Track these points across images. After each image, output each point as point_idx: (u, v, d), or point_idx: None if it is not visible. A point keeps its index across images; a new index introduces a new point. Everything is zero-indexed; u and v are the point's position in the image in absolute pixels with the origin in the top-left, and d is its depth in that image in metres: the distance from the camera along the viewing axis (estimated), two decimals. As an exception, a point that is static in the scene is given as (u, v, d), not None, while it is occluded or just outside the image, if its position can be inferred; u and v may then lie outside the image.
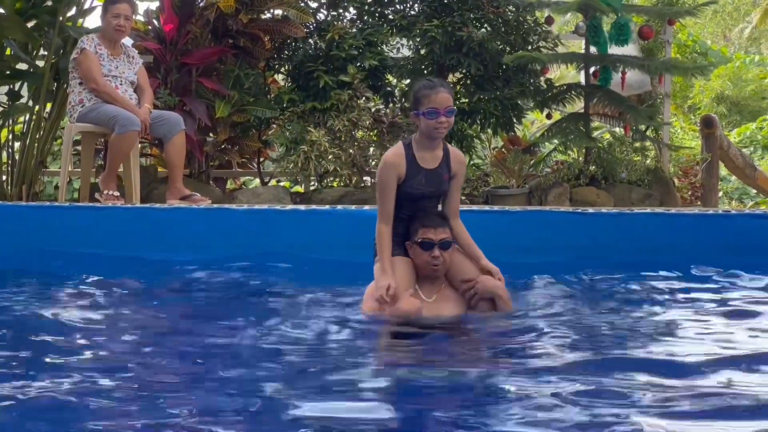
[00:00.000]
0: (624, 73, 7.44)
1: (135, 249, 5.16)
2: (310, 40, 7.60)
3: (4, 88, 7.38)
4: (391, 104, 7.63)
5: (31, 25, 7.03)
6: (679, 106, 16.96)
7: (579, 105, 7.85)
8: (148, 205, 6.13)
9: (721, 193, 11.86)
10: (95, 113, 6.05)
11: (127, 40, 6.52)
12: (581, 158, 7.55)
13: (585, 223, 5.41)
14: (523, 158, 7.35)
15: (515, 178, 7.27)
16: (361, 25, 7.70)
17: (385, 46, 7.70)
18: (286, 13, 7.36)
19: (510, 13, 7.61)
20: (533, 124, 12.08)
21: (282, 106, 7.31)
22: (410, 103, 3.77)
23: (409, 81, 7.82)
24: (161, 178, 7.19)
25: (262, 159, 8.15)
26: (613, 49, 7.29)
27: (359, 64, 7.32)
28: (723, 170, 10.69)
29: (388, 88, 7.79)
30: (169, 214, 5.64)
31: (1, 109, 7.26)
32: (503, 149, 7.85)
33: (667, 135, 8.28)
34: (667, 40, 8.18)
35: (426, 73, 7.51)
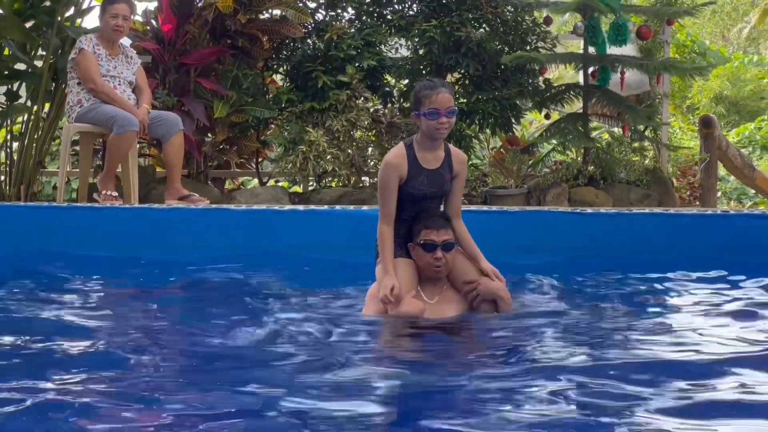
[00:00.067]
0: (623, 73, 7.44)
1: (133, 249, 5.17)
2: (309, 41, 7.59)
3: (2, 89, 7.39)
4: (390, 104, 7.63)
5: (29, 25, 7.03)
6: (678, 106, 16.95)
7: (577, 105, 7.86)
8: (146, 206, 6.14)
9: (719, 194, 11.88)
10: (93, 113, 6.05)
11: (126, 41, 6.52)
12: (580, 158, 7.54)
13: (583, 224, 5.41)
14: (522, 158, 7.34)
15: (514, 179, 7.27)
16: (359, 26, 7.69)
17: (383, 47, 7.69)
18: (284, 14, 7.35)
19: (508, 13, 7.60)
20: (532, 124, 12.07)
21: (280, 107, 7.31)
22: (411, 104, 3.76)
23: (407, 81, 7.81)
24: (160, 178, 7.19)
25: (260, 159, 8.14)
26: (612, 50, 7.30)
27: (358, 65, 7.32)
28: (722, 170, 10.70)
29: (387, 89, 7.79)
30: (168, 215, 5.64)
31: (0, 110, 7.26)
32: (502, 149, 7.85)
33: (665, 135, 8.27)
34: (666, 40, 8.18)
35: (424, 73, 7.50)
